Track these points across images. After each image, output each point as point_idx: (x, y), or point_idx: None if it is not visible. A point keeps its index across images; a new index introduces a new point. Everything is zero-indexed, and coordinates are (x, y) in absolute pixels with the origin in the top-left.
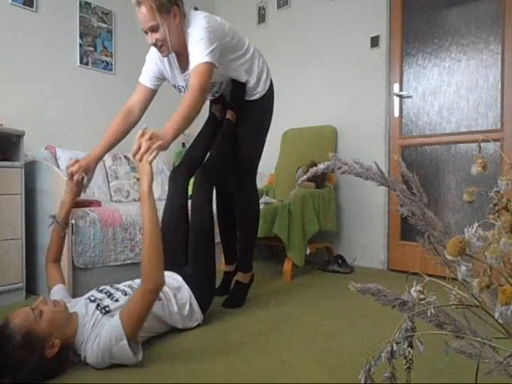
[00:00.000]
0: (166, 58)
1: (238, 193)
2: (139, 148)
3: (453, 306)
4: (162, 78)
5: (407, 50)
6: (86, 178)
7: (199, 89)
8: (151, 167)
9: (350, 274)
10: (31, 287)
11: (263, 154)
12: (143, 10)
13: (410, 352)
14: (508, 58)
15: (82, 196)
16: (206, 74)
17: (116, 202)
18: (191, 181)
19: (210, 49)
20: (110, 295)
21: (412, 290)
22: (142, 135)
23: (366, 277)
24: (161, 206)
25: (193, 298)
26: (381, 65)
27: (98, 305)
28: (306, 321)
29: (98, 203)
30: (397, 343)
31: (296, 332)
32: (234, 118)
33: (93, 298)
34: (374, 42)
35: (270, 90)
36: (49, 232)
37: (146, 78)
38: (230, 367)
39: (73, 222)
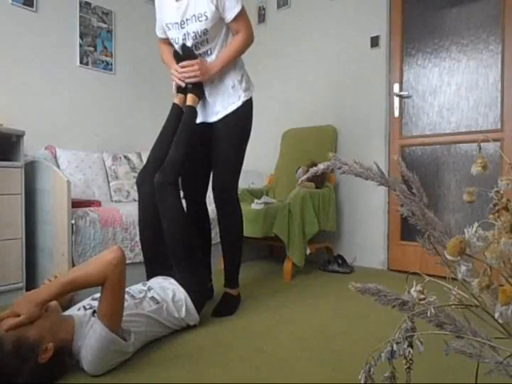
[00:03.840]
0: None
1: (221, 209)
2: (189, 68)
3: (453, 306)
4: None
5: (407, 50)
6: None
7: (248, 38)
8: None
9: (349, 274)
10: (31, 287)
11: (263, 153)
12: None
13: (410, 352)
14: (508, 58)
15: (82, 196)
16: (247, 20)
17: (116, 202)
18: None
19: None
20: None
21: (412, 290)
22: (192, 64)
23: (365, 277)
24: None
25: (188, 298)
26: (381, 65)
27: (95, 311)
28: (305, 321)
29: (98, 203)
30: (397, 343)
31: (296, 332)
32: (196, 102)
33: (88, 307)
34: (374, 42)
35: (249, 102)
36: (49, 232)
37: (161, 30)
38: (230, 367)
39: (73, 222)
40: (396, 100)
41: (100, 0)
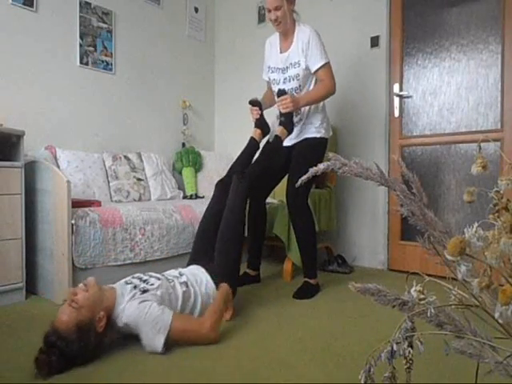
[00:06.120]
0: (271, 44)
1: (293, 214)
2: (284, 100)
3: (453, 306)
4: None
5: (407, 50)
6: None
7: (331, 87)
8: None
9: (349, 274)
10: (31, 287)
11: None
12: None
13: (410, 352)
14: (508, 58)
15: (82, 196)
16: (331, 73)
17: (116, 201)
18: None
19: (325, 51)
20: (144, 281)
21: (412, 290)
22: (286, 98)
23: (366, 277)
24: (160, 206)
25: (215, 291)
26: (381, 65)
27: (135, 286)
28: (305, 321)
29: (98, 203)
30: (397, 343)
31: (296, 332)
32: (285, 135)
33: (129, 282)
34: (374, 42)
35: (325, 141)
36: (49, 232)
37: (267, 75)
38: (230, 367)
39: (73, 222)
40: (396, 100)
41: (100, 0)
